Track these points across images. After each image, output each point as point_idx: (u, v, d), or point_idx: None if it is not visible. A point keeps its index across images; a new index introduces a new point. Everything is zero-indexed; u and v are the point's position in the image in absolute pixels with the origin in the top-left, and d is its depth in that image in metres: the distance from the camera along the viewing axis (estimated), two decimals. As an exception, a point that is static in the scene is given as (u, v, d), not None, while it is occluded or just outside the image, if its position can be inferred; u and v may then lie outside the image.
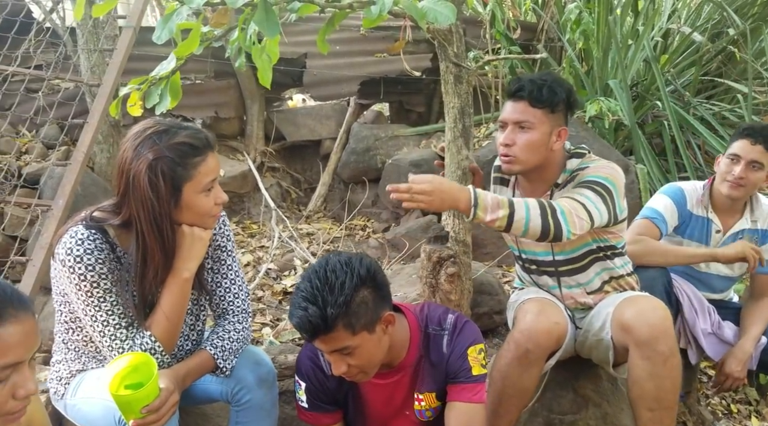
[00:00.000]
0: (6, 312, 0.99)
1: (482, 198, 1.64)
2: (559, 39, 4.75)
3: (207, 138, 1.51)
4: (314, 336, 1.41)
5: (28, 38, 3.40)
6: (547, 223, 1.65)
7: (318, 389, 1.62)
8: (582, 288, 2.00)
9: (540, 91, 1.80)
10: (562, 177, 1.89)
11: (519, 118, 1.81)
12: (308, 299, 1.39)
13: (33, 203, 2.80)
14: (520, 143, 1.81)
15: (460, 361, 1.58)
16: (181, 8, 1.51)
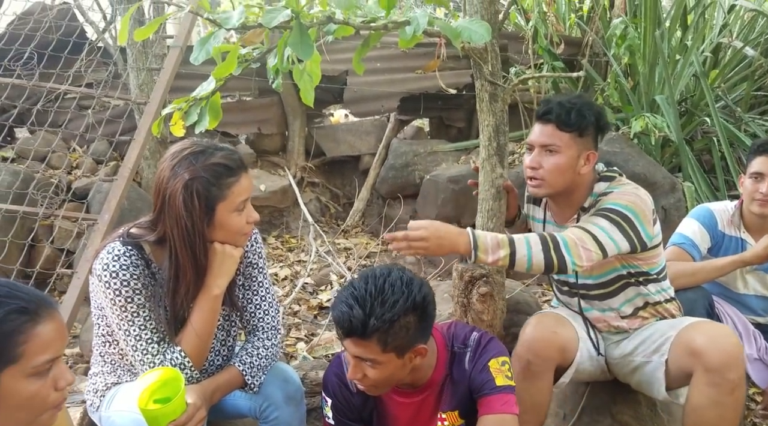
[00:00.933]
0: (41, 311, 1.07)
1: (482, 240, 1.65)
2: (604, 54, 4.67)
3: (241, 159, 1.55)
4: (347, 335, 1.42)
5: (80, 58, 3.54)
6: (549, 257, 1.65)
7: (344, 406, 1.62)
8: (615, 312, 1.95)
9: (568, 115, 1.78)
10: (589, 200, 1.86)
11: (546, 141, 1.80)
12: (357, 300, 1.40)
13: (80, 217, 2.90)
14: (547, 167, 1.80)
15: (483, 374, 1.56)
16: (218, 31, 1.55)
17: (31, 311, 1.06)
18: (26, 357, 1.04)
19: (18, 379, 1.04)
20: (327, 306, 3.41)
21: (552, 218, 1.98)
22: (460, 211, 4.10)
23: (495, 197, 2.00)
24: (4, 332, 1.03)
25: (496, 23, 1.99)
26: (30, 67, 3.42)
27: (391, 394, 1.58)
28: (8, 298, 1.05)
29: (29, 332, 1.05)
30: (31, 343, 1.04)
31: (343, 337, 1.44)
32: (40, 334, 1.05)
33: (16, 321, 1.04)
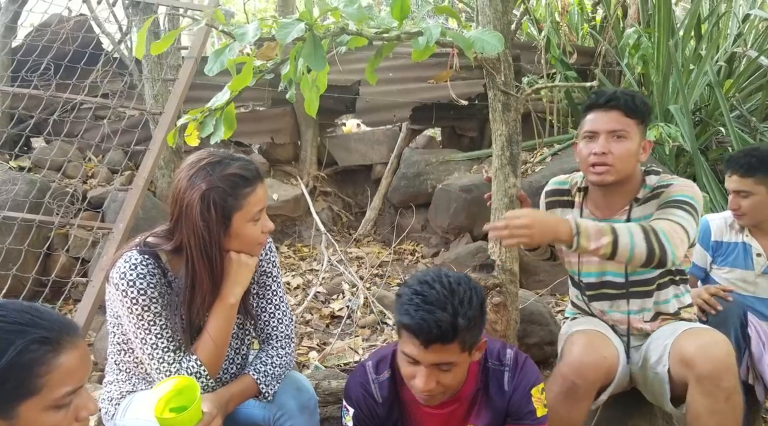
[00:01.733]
0: (63, 340, 1.03)
1: (584, 227, 1.64)
2: (617, 64, 4.66)
3: (257, 169, 1.56)
4: (433, 342, 1.35)
5: (96, 68, 3.60)
6: (652, 246, 1.64)
7: (367, 416, 1.59)
8: (641, 314, 1.93)
9: (634, 101, 1.81)
10: (642, 192, 1.87)
11: (615, 126, 1.81)
12: (435, 304, 1.35)
13: (95, 226, 2.93)
14: (617, 152, 1.80)
15: (525, 403, 1.55)
16: (233, 44, 1.57)
17: (53, 341, 1.02)
18: (47, 389, 1.01)
19: (37, 411, 1.01)
20: (339, 315, 3.41)
21: (592, 215, 1.95)
22: (472, 220, 4.10)
23: (508, 207, 1.99)
24: (25, 363, 0.99)
25: (509, 33, 2.00)
26: (47, 78, 3.47)
27: (421, 406, 1.55)
28: (30, 327, 1.01)
29: (51, 363, 1.01)
30: (52, 374, 1.01)
31: (427, 346, 1.36)
32: (62, 364, 1.02)
33: (38, 351, 1.00)
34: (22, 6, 3.89)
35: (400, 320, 1.38)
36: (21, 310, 1.03)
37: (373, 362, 1.60)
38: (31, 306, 1.06)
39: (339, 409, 2.23)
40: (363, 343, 3.07)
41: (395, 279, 3.97)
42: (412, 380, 1.42)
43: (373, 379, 1.56)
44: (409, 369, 1.42)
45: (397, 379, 1.56)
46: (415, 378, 1.40)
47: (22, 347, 0.98)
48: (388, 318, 3.33)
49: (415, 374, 1.41)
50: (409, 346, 1.39)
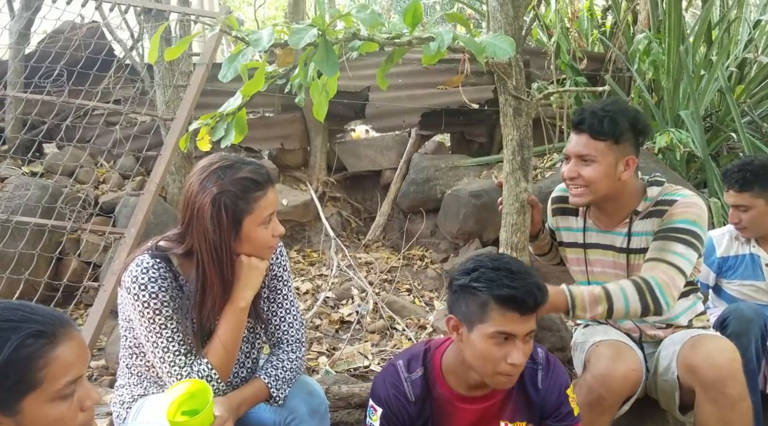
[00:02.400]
0: (58, 332, 1.04)
1: (579, 298, 1.70)
2: (627, 69, 4.65)
3: (268, 173, 1.56)
4: (531, 308, 1.40)
5: (108, 75, 3.63)
6: (646, 303, 1.70)
7: (396, 416, 1.56)
8: (651, 323, 1.92)
9: (600, 124, 1.78)
10: (643, 205, 1.86)
11: (581, 151, 1.80)
12: (523, 273, 1.41)
13: (107, 231, 2.94)
14: (586, 176, 1.80)
15: (562, 402, 1.57)
16: (246, 49, 1.58)
17: (48, 334, 1.03)
18: (48, 381, 1.01)
19: (41, 405, 1.01)
20: (348, 320, 3.41)
21: (595, 225, 1.96)
22: (482, 225, 4.09)
23: (519, 211, 1.99)
24: (22, 358, 0.99)
25: (520, 38, 2.00)
26: (59, 84, 3.51)
27: (455, 401, 1.56)
28: (23, 322, 1.02)
29: (48, 356, 1.02)
30: (51, 366, 1.02)
31: (523, 313, 1.39)
32: (59, 356, 1.03)
33: (34, 345, 1.01)
34: (35, 13, 3.93)
35: (497, 294, 1.39)
36: (12, 308, 1.04)
37: (403, 361, 1.59)
38: (21, 303, 1.07)
39: (349, 414, 2.23)
40: (372, 348, 3.07)
41: (404, 284, 3.97)
42: (508, 359, 1.41)
43: (405, 378, 1.56)
44: (497, 351, 1.42)
45: (429, 377, 1.57)
46: (511, 355, 1.41)
47: (18, 343, 0.99)
48: (398, 323, 3.32)
49: (506, 353, 1.41)
50: (503, 321, 1.40)
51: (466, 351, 1.47)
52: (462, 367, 1.52)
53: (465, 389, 1.55)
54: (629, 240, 1.87)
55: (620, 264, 1.91)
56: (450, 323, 1.50)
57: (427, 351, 1.60)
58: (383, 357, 2.98)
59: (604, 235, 1.93)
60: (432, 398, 1.57)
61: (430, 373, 1.57)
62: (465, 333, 1.46)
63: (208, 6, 8.93)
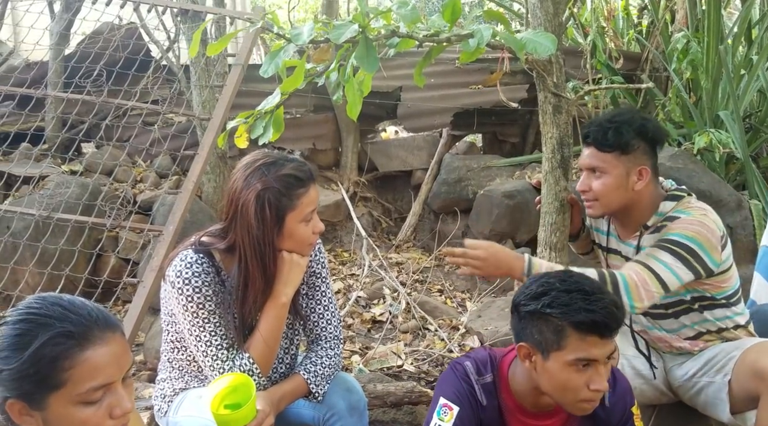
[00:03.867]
0: (92, 335, 1.02)
1: (536, 268, 1.66)
2: (664, 69, 4.57)
3: (310, 170, 1.58)
4: (613, 329, 1.34)
5: (146, 75, 3.69)
6: None
7: (471, 417, 1.50)
8: (676, 333, 1.88)
9: (605, 136, 1.75)
10: (653, 219, 1.80)
11: (591, 163, 1.79)
12: (596, 293, 1.34)
13: (146, 228, 2.99)
14: (596, 188, 1.78)
15: (627, 421, 1.53)
16: (287, 46, 1.59)
17: (77, 335, 1.01)
18: (72, 383, 1.00)
19: (65, 405, 1.00)
20: (380, 320, 3.41)
21: (615, 231, 1.94)
22: (515, 226, 4.05)
23: (558, 210, 1.97)
24: (48, 356, 0.99)
25: (561, 35, 1.98)
26: (99, 84, 3.58)
27: (520, 416, 1.51)
28: (58, 320, 1.01)
29: (75, 358, 1.00)
30: (76, 369, 1.00)
31: (604, 336, 1.33)
32: (87, 359, 1.00)
33: (62, 345, 0.99)
34: (75, 15, 4.01)
35: (575, 320, 1.32)
36: (54, 303, 1.03)
37: (471, 363, 1.54)
38: (68, 300, 1.05)
39: (384, 413, 2.24)
40: (405, 348, 3.07)
41: (435, 285, 3.95)
42: (590, 385, 1.35)
43: (476, 381, 1.51)
44: (577, 378, 1.35)
45: (497, 385, 1.52)
46: (593, 381, 1.34)
47: (46, 339, 0.99)
48: (430, 323, 3.31)
49: (588, 379, 1.35)
50: (583, 347, 1.33)
51: (542, 379, 1.40)
52: (534, 393, 1.45)
53: (531, 405, 1.49)
54: (638, 253, 1.83)
55: None
56: (521, 351, 1.42)
57: (492, 357, 1.55)
58: (416, 357, 2.97)
59: (620, 244, 1.91)
60: (498, 407, 1.52)
61: (498, 381, 1.52)
62: (540, 361, 1.39)
63: (240, 8, 9.04)
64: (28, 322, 1.01)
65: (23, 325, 1.01)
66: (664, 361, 1.95)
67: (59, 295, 1.07)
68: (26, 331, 1.00)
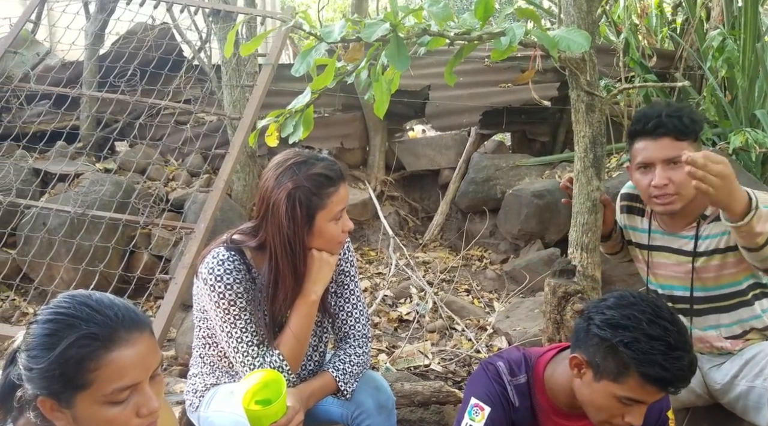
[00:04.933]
0: (117, 336, 1.02)
1: (761, 210, 1.52)
2: (699, 67, 4.48)
3: (340, 169, 1.58)
4: (679, 387, 1.30)
5: (179, 75, 3.75)
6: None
7: (502, 418, 1.49)
8: (719, 331, 1.84)
9: (682, 123, 1.71)
10: (711, 208, 1.77)
11: (669, 154, 1.71)
12: (679, 349, 1.27)
13: (178, 226, 3.04)
14: (678, 181, 1.70)
15: (663, 425, 1.50)
16: (319, 44, 1.60)
17: (102, 337, 1.01)
18: (97, 384, 1.01)
19: (91, 404, 1.02)
20: (407, 319, 3.41)
21: (660, 227, 1.89)
22: (544, 226, 4.01)
23: (591, 210, 1.94)
24: (75, 357, 1.00)
25: (594, 33, 1.95)
26: (132, 84, 3.65)
27: (554, 417, 1.50)
28: (85, 321, 1.01)
29: (101, 359, 1.00)
30: (102, 370, 1.00)
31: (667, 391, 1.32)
32: (113, 361, 1.01)
33: (88, 347, 1.00)
34: (110, 15, 4.10)
35: (646, 372, 1.27)
36: (83, 303, 1.04)
37: (504, 364, 1.52)
38: (96, 299, 1.06)
39: (411, 411, 2.23)
40: (432, 347, 3.06)
41: (463, 285, 3.93)
42: (626, 417, 1.34)
43: (509, 381, 1.49)
44: (617, 409, 1.34)
45: (531, 385, 1.50)
46: (631, 415, 1.33)
47: (73, 341, 1.00)
48: (457, 323, 3.30)
49: (626, 412, 1.34)
50: (639, 393, 1.31)
51: (583, 391, 1.38)
52: (572, 393, 1.44)
53: (566, 405, 1.48)
54: (696, 243, 1.80)
55: (685, 267, 1.84)
56: (574, 361, 1.39)
57: (527, 358, 1.53)
58: (443, 356, 2.96)
59: (670, 237, 1.86)
60: (531, 408, 1.50)
61: (532, 381, 1.50)
62: (589, 378, 1.36)
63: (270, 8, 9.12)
64: (56, 322, 1.02)
65: (51, 325, 1.02)
66: (701, 363, 1.90)
67: (89, 293, 1.08)
68: (54, 331, 1.01)
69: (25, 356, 1.02)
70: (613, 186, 3.54)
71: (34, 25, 3.96)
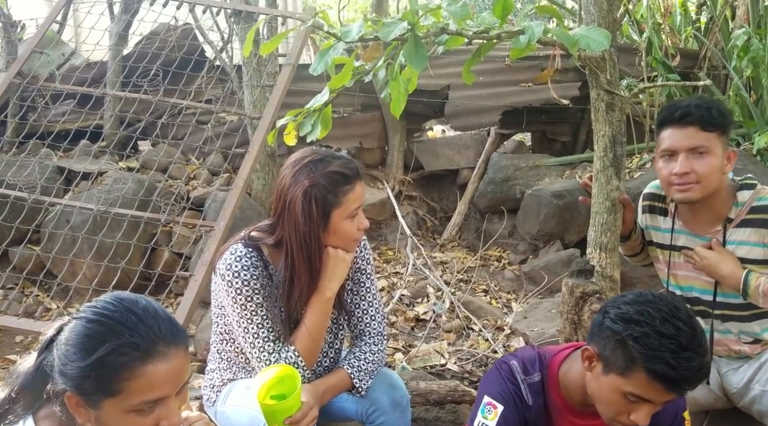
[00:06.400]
0: (155, 350, 1.04)
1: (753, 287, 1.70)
2: (723, 67, 4.40)
3: (356, 168, 1.59)
4: (685, 389, 1.30)
5: (200, 75, 3.79)
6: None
7: (515, 417, 1.48)
8: (738, 336, 1.81)
9: (710, 114, 1.70)
10: (735, 211, 1.75)
11: (694, 143, 1.71)
12: (689, 350, 1.26)
13: (198, 224, 3.07)
14: (701, 170, 1.70)
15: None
16: (337, 44, 1.61)
17: (143, 349, 1.02)
18: (126, 393, 1.02)
19: (116, 411, 1.03)
20: (424, 318, 3.40)
21: (685, 227, 1.87)
22: (564, 227, 3.98)
23: (610, 210, 1.92)
24: (111, 364, 1.01)
25: (615, 31, 1.93)
26: (155, 84, 3.70)
27: (568, 416, 1.49)
28: (128, 329, 1.02)
29: (135, 370, 1.02)
30: (134, 381, 1.02)
31: (675, 393, 1.30)
32: (146, 374, 1.02)
33: (126, 356, 1.01)
34: (133, 16, 4.16)
35: (652, 369, 1.26)
36: (129, 310, 1.05)
37: (518, 362, 1.51)
38: (143, 307, 1.06)
39: (427, 410, 2.23)
40: (449, 347, 3.05)
41: (480, 285, 3.92)
42: (632, 415, 1.33)
43: (522, 380, 1.49)
44: (623, 405, 1.33)
45: (545, 384, 1.49)
46: (637, 414, 1.32)
47: (113, 348, 1.01)
48: (474, 323, 3.29)
49: (633, 410, 1.32)
50: (645, 390, 1.30)
51: (592, 384, 1.38)
52: (584, 392, 1.43)
53: (580, 403, 1.47)
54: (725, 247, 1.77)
55: None
56: (585, 352, 1.39)
57: (541, 356, 1.52)
58: (460, 356, 2.96)
59: (693, 238, 1.84)
60: (545, 406, 1.50)
61: (546, 380, 1.50)
62: (598, 370, 1.36)
63: (292, 8, 9.19)
64: (101, 324, 1.03)
65: (96, 326, 1.03)
66: (718, 366, 1.88)
67: (135, 298, 1.08)
68: (97, 333, 1.03)
69: (64, 351, 1.04)
70: (635, 186, 3.50)
71: (60, 25, 4.03)
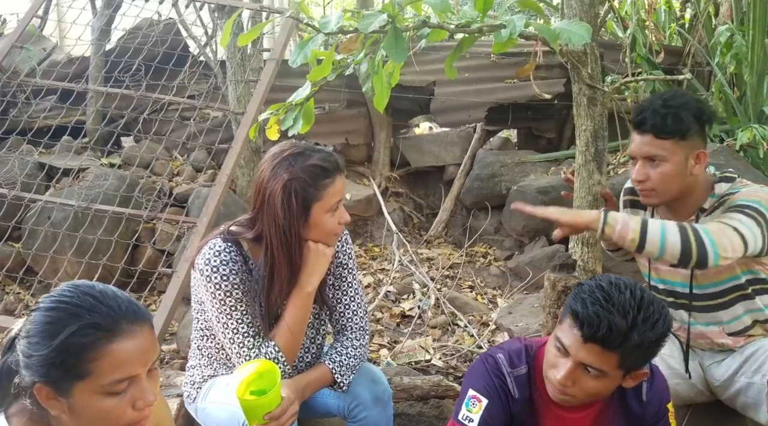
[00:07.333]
0: (119, 328, 1.03)
1: (612, 217, 1.59)
2: (707, 63, 4.44)
3: (337, 161, 1.58)
4: (593, 340, 1.30)
5: (183, 70, 3.75)
6: (688, 244, 1.54)
7: (499, 410, 1.47)
8: (720, 327, 1.82)
9: (664, 121, 1.66)
10: (709, 202, 1.75)
11: (648, 151, 1.69)
12: (616, 307, 1.29)
13: (180, 220, 3.04)
14: (655, 178, 1.70)
15: (662, 417, 1.49)
16: (316, 35, 1.59)
17: (105, 328, 1.02)
18: (96, 374, 1.01)
19: (88, 394, 1.02)
20: (409, 314, 3.40)
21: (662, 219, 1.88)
22: (549, 223, 3.97)
23: (591, 205, 1.93)
24: (75, 346, 1.00)
25: (596, 25, 1.94)
26: (137, 79, 3.66)
27: (553, 408, 1.48)
28: (88, 311, 1.02)
29: (101, 350, 1.01)
30: (101, 361, 1.01)
31: (585, 341, 1.31)
32: (113, 352, 1.02)
33: (89, 337, 1.01)
34: (116, 10, 4.11)
35: (572, 306, 1.33)
36: (86, 293, 1.05)
37: (504, 355, 1.51)
38: (100, 290, 1.06)
39: (410, 406, 2.23)
40: (434, 343, 3.05)
41: (466, 281, 3.92)
42: (551, 370, 1.37)
43: (508, 373, 1.48)
44: (554, 358, 1.37)
45: (532, 376, 1.49)
46: (556, 368, 1.36)
47: (75, 330, 1.00)
48: (459, 319, 3.29)
49: (557, 365, 1.36)
50: (567, 335, 1.34)
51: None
52: None
53: None
54: None
55: None
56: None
57: (528, 348, 1.52)
58: (445, 352, 2.95)
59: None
60: (531, 399, 1.49)
61: (533, 372, 1.49)
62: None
63: (278, 4, 9.15)
64: (60, 310, 1.03)
65: (54, 313, 1.02)
66: (701, 359, 1.89)
67: (92, 283, 1.08)
68: (57, 319, 1.02)
69: (26, 343, 1.02)
70: (619, 183, 3.51)
71: (41, 20, 3.98)
